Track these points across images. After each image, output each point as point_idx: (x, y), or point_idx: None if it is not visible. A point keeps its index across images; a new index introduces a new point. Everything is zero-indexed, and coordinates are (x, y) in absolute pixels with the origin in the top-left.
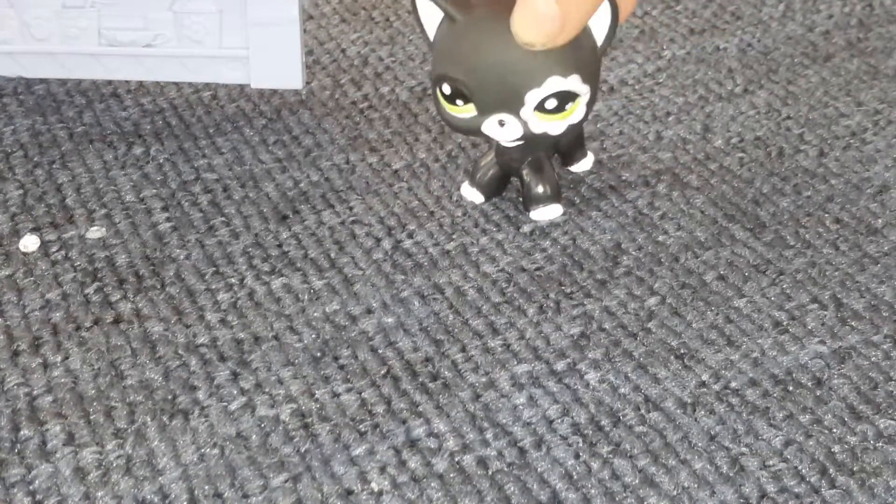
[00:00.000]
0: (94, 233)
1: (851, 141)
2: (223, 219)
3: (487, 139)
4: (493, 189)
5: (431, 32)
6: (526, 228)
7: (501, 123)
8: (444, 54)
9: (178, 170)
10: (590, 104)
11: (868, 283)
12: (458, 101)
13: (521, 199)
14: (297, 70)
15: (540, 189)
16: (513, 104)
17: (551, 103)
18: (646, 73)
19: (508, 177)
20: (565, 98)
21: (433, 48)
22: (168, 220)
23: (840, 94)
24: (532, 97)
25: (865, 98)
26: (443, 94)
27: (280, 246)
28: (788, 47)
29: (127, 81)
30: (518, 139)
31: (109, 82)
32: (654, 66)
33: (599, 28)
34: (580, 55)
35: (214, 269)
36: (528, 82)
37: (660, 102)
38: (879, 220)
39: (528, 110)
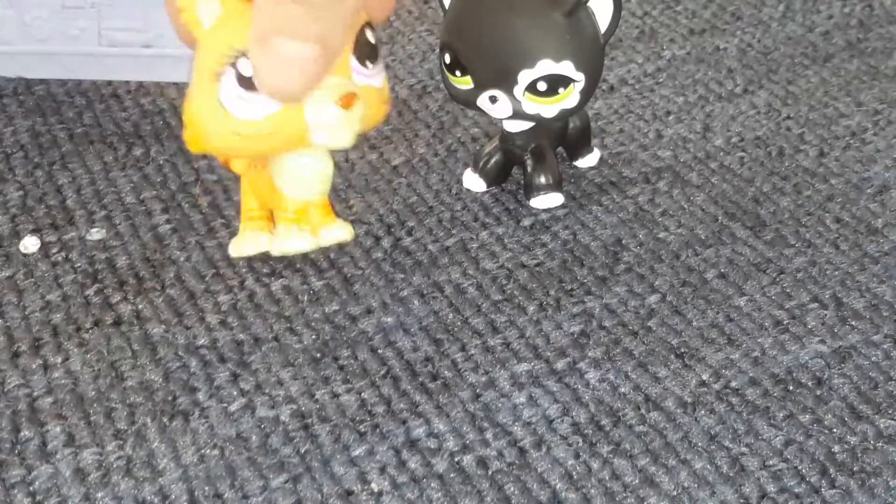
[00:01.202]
0: (95, 234)
1: (851, 141)
2: (223, 220)
3: (489, 119)
4: (496, 177)
5: (447, 0)
6: (526, 222)
7: (493, 100)
8: (449, 24)
9: (178, 171)
10: (586, 92)
11: (868, 282)
12: (457, 72)
13: (521, 191)
14: None
15: (541, 177)
16: (506, 82)
17: (542, 86)
18: (646, 73)
19: (511, 165)
20: (557, 82)
21: (444, 17)
22: (168, 221)
23: (840, 94)
24: (524, 77)
25: (865, 98)
26: (444, 62)
27: None
28: (788, 47)
29: (127, 82)
30: (510, 118)
31: (109, 83)
32: (654, 65)
33: (602, 17)
34: (577, 42)
35: (214, 270)
36: (521, 62)
37: (660, 102)
38: (879, 220)
39: (520, 90)
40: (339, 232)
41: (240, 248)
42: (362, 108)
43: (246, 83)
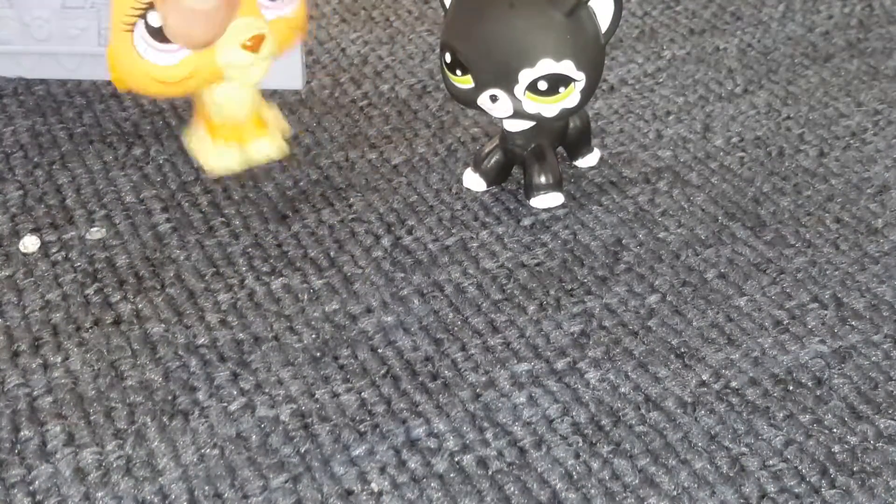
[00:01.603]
0: (94, 233)
1: (851, 141)
2: (223, 219)
3: (489, 119)
4: (496, 176)
5: (448, 0)
6: (526, 222)
7: (494, 99)
8: (450, 24)
9: (177, 170)
10: (586, 91)
11: (868, 282)
12: (458, 72)
13: (521, 191)
14: (298, 70)
15: (541, 177)
16: (507, 81)
17: (543, 85)
18: (646, 73)
19: (511, 165)
20: (557, 82)
21: (445, 16)
22: (168, 220)
23: (840, 94)
24: (525, 76)
25: (865, 98)
26: (444, 62)
27: (280, 246)
28: (788, 47)
29: None
30: (510, 117)
31: (109, 83)
32: (655, 65)
33: (603, 16)
34: (577, 42)
35: (214, 269)
36: (522, 61)
37: (660, 102)
38: (879, 220)
39: (521, 89)
40: (267, 148)
41: (188, 136)
42: (271, 44)
43: (155, 34)
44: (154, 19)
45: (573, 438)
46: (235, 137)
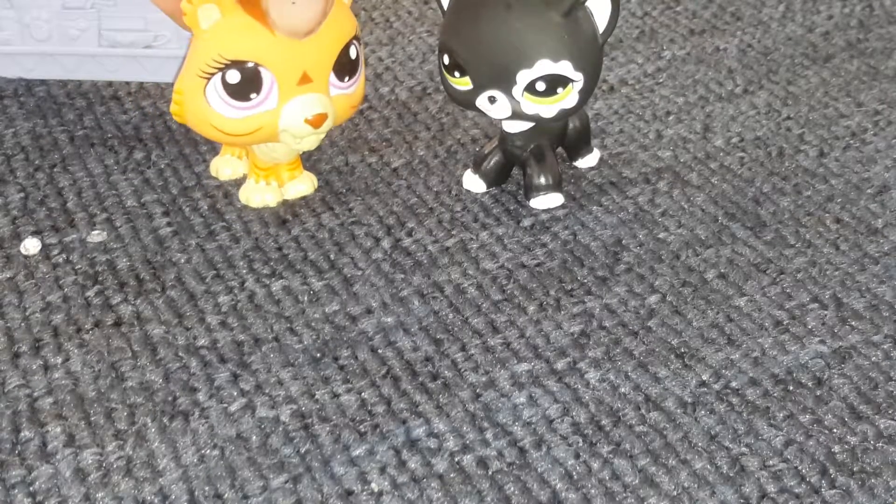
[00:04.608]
0: (96, 236)
1: (851, 141)
2: (224, 224)
3: (488, 120)
4: (496, 178)
5: (446, 1)
6: (526, 222)
7: (492, 100)
8: (448, 25)
9: (179, 175)
10: (585, 92)
11: (868, 282)
12: (456, 73)
13: (521, 192)
14: None
15: (541, 177)
16: (505, 82)
17: (541, 86)
18: (646, 73)
19: (511, 166)
20: (555, 82)
21: (444, 18)
22: (169, 224)
23: (840, 94)
24: (523, 77)
25: (865, 99)
26: (443, 64)
27: (280, 249)
28: (788, 48)
29: (127, 83)
30: (509, 118)
31: (110, 84)
32: (655, 66)
33: (601, 17)
34: (575, 42)
35: (215, 272)
36: (520, 62)
37: (660, 102)
38: (879, 220)
39: (519, 90)
40: (302, 187)
41: (217, 166)
42: (330, 121)
43: (231, 90)
44: (232, 76)
45: (573, 438)
46: (275, 176)
